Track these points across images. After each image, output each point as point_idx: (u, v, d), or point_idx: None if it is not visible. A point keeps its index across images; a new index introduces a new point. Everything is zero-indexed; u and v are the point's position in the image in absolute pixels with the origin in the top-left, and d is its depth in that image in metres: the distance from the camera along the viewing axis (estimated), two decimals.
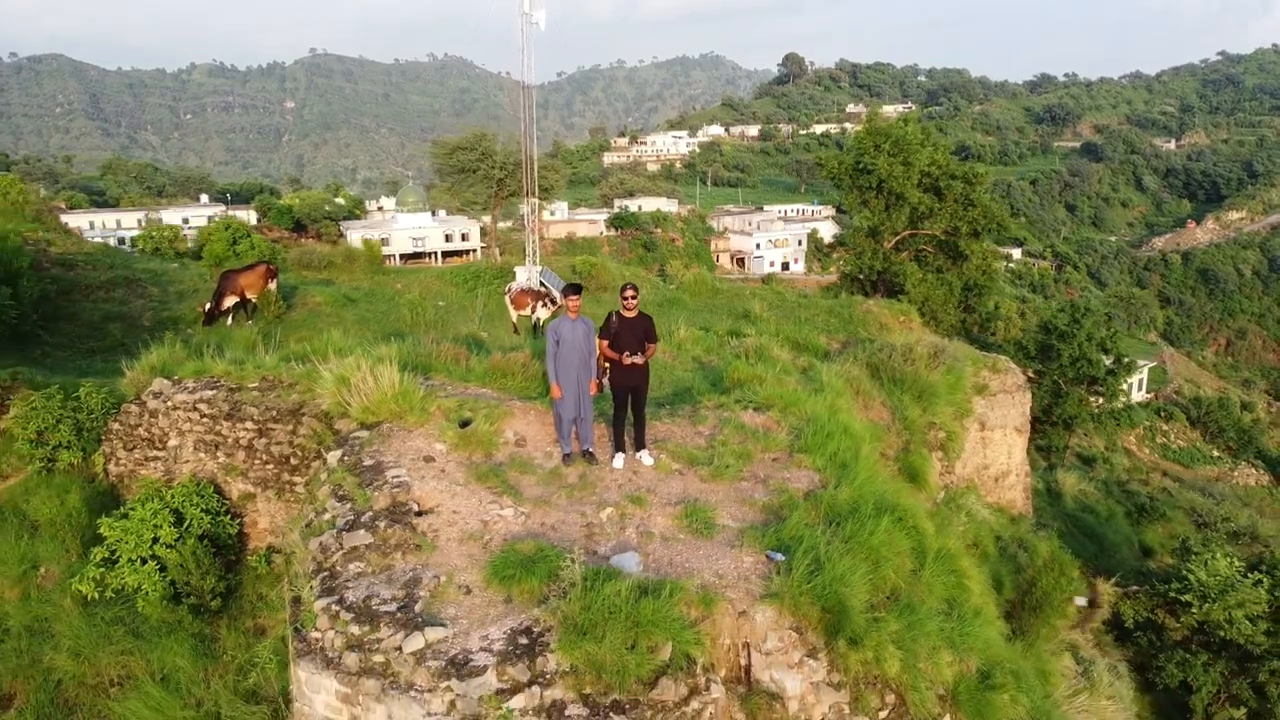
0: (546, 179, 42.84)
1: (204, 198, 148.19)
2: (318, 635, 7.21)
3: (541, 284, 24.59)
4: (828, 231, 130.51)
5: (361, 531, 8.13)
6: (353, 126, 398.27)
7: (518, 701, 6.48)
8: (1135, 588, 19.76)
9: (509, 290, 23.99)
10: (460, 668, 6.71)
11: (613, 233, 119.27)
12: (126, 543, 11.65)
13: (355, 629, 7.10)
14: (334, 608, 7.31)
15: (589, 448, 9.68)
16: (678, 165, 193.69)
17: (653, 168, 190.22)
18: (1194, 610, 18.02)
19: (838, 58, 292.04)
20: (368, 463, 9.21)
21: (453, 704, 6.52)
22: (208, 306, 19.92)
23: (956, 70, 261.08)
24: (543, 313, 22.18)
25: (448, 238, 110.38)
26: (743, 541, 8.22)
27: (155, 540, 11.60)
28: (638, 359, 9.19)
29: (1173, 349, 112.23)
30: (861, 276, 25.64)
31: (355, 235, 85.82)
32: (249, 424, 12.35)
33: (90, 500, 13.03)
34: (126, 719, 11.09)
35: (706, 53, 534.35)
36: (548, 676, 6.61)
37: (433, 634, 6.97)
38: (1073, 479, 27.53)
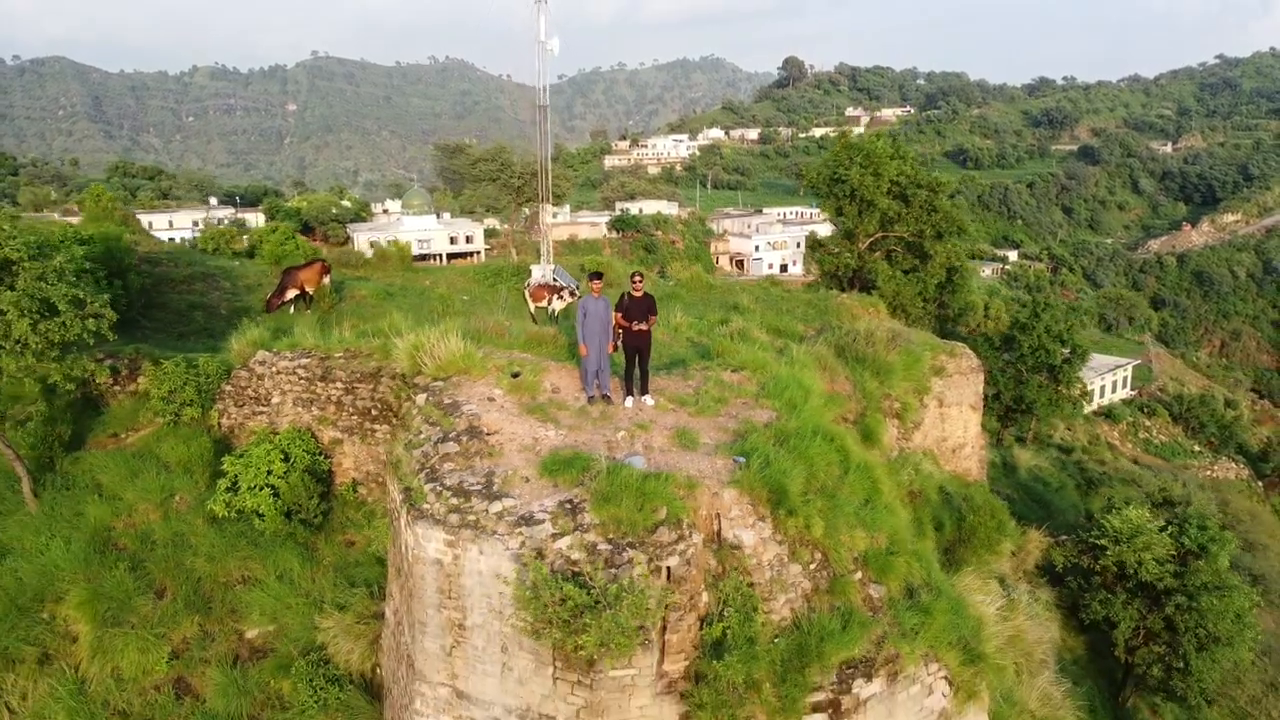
0: (559, 186, 46.42)
1: (213, 200, 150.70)
2: (428, 506, 10.77)
3: (555, 279, 28.10)
4: (826, 234, 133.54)
5: (450, 444, 11.70)
6: (354, 129, 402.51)
7: (564, 541, 10.04)
8: (1064, 537, 23.29)
9: (528, 285, 27.54)
10: (527, 521, 10.28)
11: (614, 235, 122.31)
12: (246, 475, 15.23)
13: (454, 500, 10.66)
14: (438, 489, 10.87)
15: (607, 392, 13.24)
16: (678, 168, 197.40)
17: (653, 170, 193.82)
18: (1109, 553, 21.53)
19: (837, 61, 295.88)
20: (447, 401, 12.78)
21: (523, 542, 10.08)
22: (269, 299, 23.53)
23: (955, 74, 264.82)
24: (558, 304, 25.70)
25: (452, 240, 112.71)
26: (716, 452, 11.79)
27: (269, 473, 15.17)
28: (643, 326, 12.77)
29: (1160, 348, 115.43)
30: (839, 274, 29.24)
31: (362, 237, 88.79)
32: (338, 384, 15.95)
33: (208, 446, 16.62)
34: (252, 607, 14.72)
35: (707, 55, 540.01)
36: (585, 526, 10.18)
37: (507, 502, 10.54)
38: (1028, 454, 31.02)
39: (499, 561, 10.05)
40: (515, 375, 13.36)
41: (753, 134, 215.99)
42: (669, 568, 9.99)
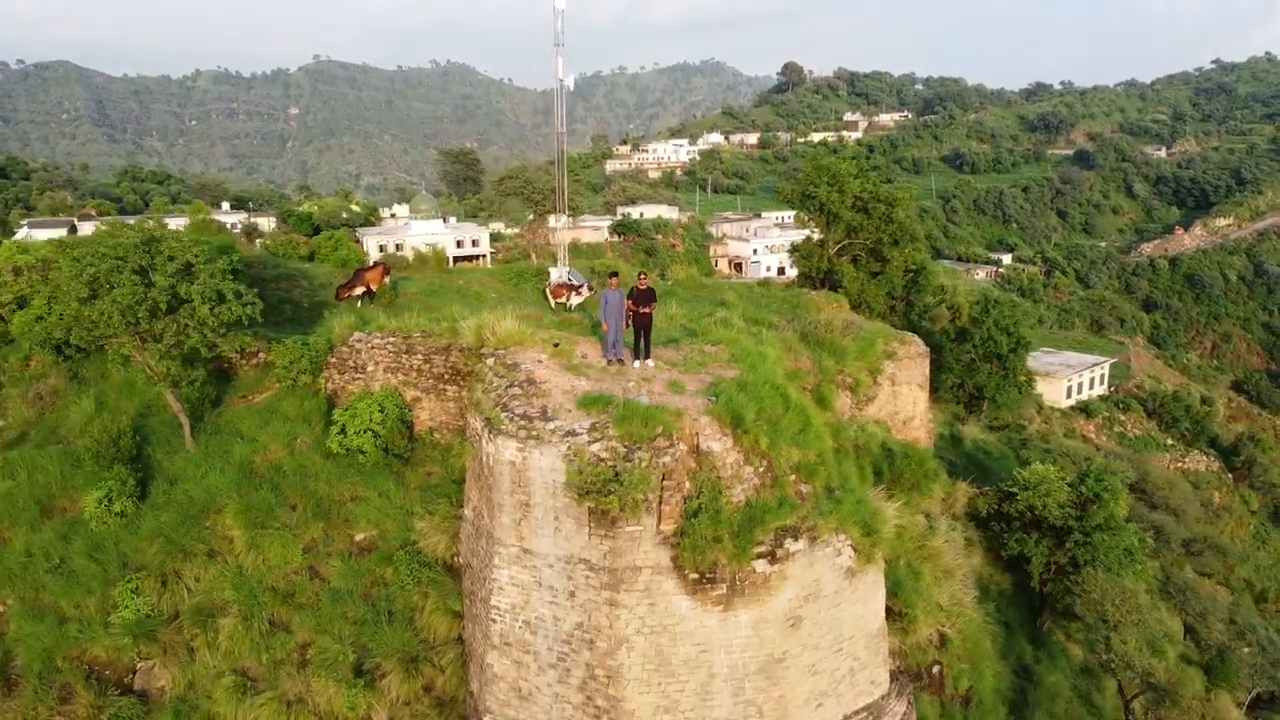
0: (573, 201, 52.07)
1: (225, 205, 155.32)
2: (504, 427, 16.42)
3: (570, 279, 33.65)
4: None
5: (515, 389, 17.38)
6: (356, 132, 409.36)
7: (596, 445, 15.68)
8: (988, 488, 28.91)
9: (548, 284, 33.16)
10: (571, 434, 15.94)
11: (616, 239, 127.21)
12: (353, 422, 20.88)
13: (521, 423, 16.33)
14: (510, 416, 16.53)
15: (621, 357, 18.88)
16: (678, 172, 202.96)
17: (654, 175, 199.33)
18: (1020, 499, 27.14)
19: (836, 66, 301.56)
20: (509, 362, 18.45)
21: (569, 447, 15.73)
22: (339, 289, 29.35)
23: (953, 79, 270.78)
24: (575, 299, 31.28)
25: (459, 243, 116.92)
26: (697, 394, 17.44)
27: (370, 420, 20.80)
28: (647, 310, 18.43)
29: (1141, 348, 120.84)
30: (812, 275, 34.83)
31: (371, 241, 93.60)
32: (418, 356, 21.64)
33: (319, 403, 22.28)
34: (361, 517, 20.41)
35: (707, 59, 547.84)
36: (609, 436, 15.82)
37: (557, 423, 16.21)
38: (974, 429, 36.59)
39: (553, 460, 15.72)
40: (556, 345, 19.05)
41: (752, 139, 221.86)
42: (664, 463, 15.65)
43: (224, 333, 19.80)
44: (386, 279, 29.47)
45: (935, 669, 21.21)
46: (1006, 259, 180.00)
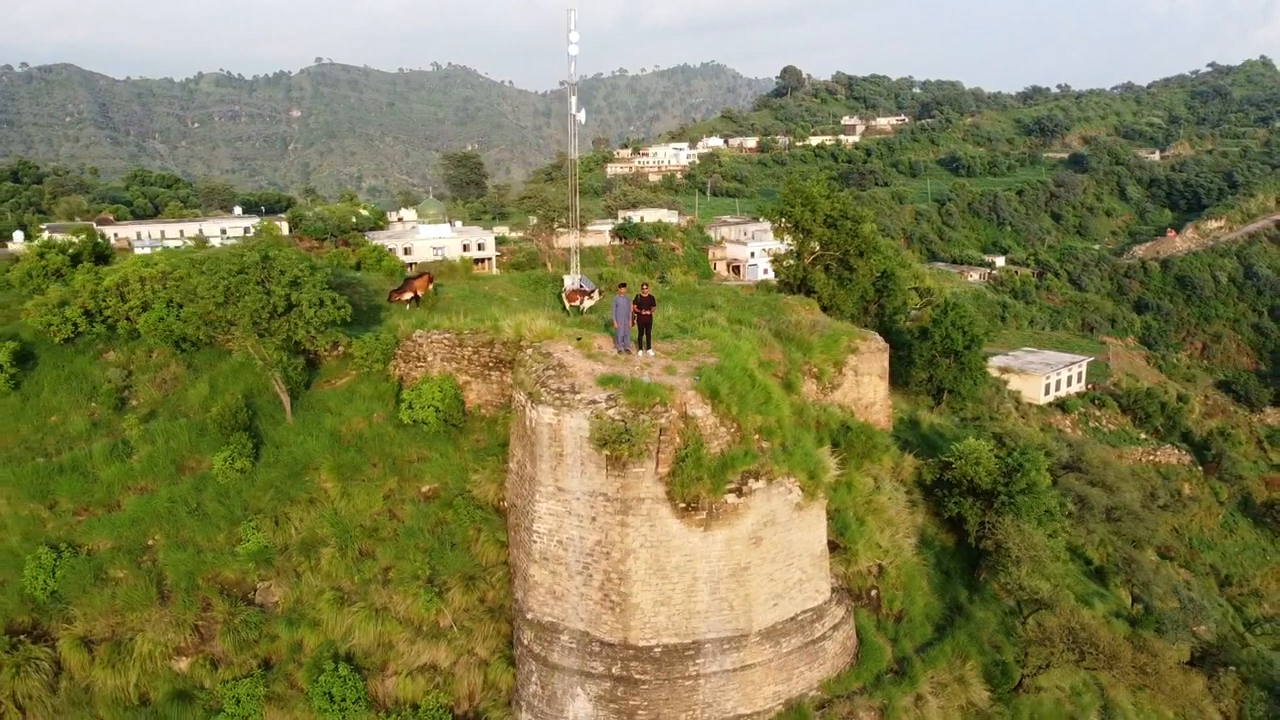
0: (584, 216, 58.32)
1: (238, 209, 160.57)
2: (543, 398, 22.68)
3: (582, 286, 39.75)
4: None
5: (549, 371, 23.65)
6: (358, 135, 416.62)
7: (611, 410, 21.95)
8: (931, 459, 35.08)
9: (564, 290, 39.29)
10: (593, 402, 22.23)
11: (617, 242, 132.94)
12: (419, 400, 27.12)
13: (556, 395, 22.60)
14: (547, 390, 22.80)
15: (629, 349, 25.14)
16: (678, 176, 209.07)
17: (654, 178, 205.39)
18: (955, 467, 33.27)
19: (837, 68, 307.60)
20: (544, 352, 24.72)
21: (593, 411, 21.98)
22: (391, 293, 35.65)
23: (950, 82, 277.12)
24: (587, 303, 37.38)
25: (465, 247, 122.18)
26: (686, 375, 23.70)
27: (432, 398, 27.02)
28: (648, 312, 24.69)
29: (1121, 347, 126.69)
30: (790, 281, 41.00)
31: (379, 244, 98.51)
32: (468, 348, 27.91)
33: (390, 386, 28.51)
34: (426, 472, 26.68)
35: (708, 62, 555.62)
36: (620, 404, 22.09)
37: (583, 395, 22.50)
38: (931, 415, 42.77)
39: (580, 421, 21.94)
40: (579, 339, 25.33)
41: (751, 142, 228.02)
42: (660, 423, 21.87)
43: (322, 330, 26.06)
44: (430, 286, 35.70)
45: (874, 592, 27.41)
46: (1000, 261, 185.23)
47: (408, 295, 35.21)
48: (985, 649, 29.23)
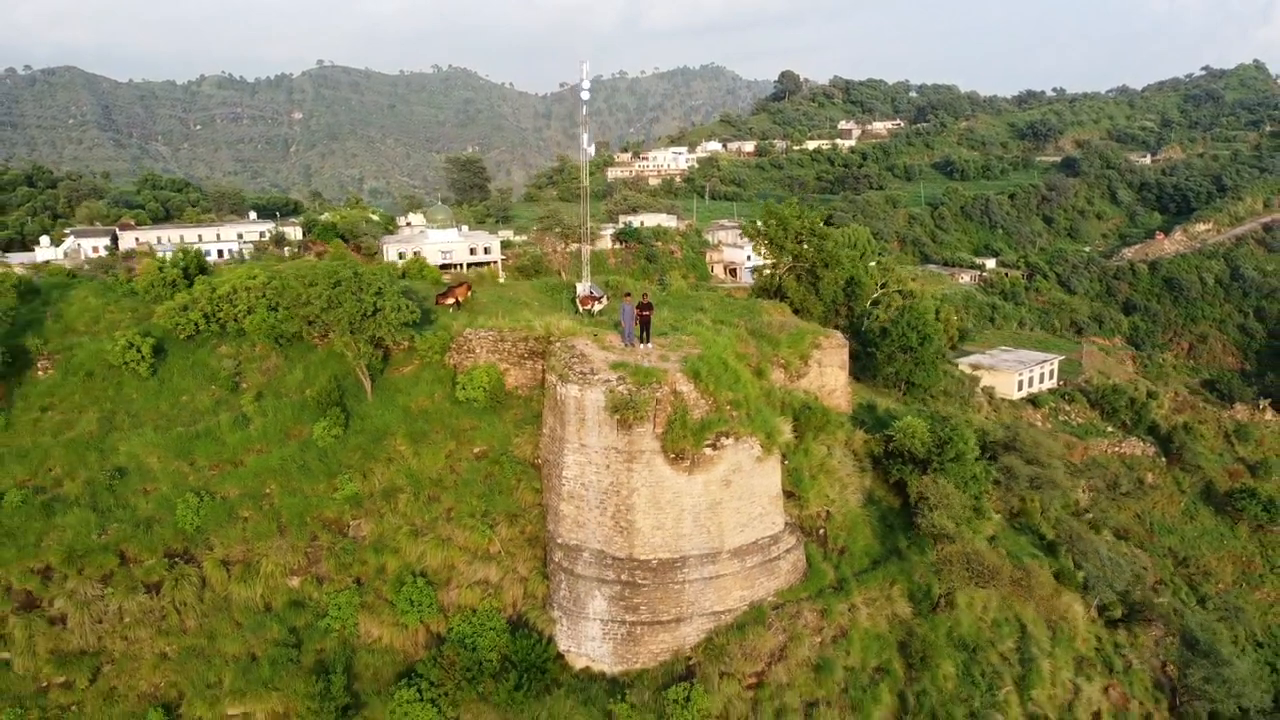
0: (593, 230, 66.93)
1: (252, 214, 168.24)
2: (571, 378, 31.43)
3: (593, 292, 48.33)
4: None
5: (575, 358, 32.45)
6: (359, 137, 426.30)
7: (621, 386, 30.70)
8: (878, 434, 43.72)
9: (577, 296, 47.91)
10: (607, 381, 31.00)
11: (618, 246, 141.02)
12: (471, 382, 35.89)
13: (580, 375, 31.38)
14: (573, 371, 31.59)
15: (632, 343, 33.89)
16: (678, 180, 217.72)
17: (654, 182, 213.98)
18: (895, 439, 41.88)
19: (836, 70, 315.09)
20: (569, 344, 33.48)
21: (608, 387, 30.73)
22: (437, 297, 44.34)
23: (947, 86, 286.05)
24: (597, 307, 45.96)
25: (472, 250, 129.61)
26: (676, 362, 32.43)
27: (481, 381, 35.70)
28: (647, 314, 33.40)
29: (1096, 347, 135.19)
30: (767, 288, 49.62)
31: (391, 249, 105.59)
32: (507, 342, 36.70)
33: (447, 372, 37.20)
34: (478, 437, 35.48)
35: (708, 63, 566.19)
36: (628, 383, 30.83)
37: (599, 375, 31.31)
38: (887, 400, 51.42)
39: (598, 394, 30.64)
40: (595, 335, 34.04)
41: (749, 146, 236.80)
42: (657, 397, 30.57)
43: (399, 329, 34.78)
44: (470, 292, 44.42)
45: (821, 531, 36.06)
46: (991, 264, 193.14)
47: (450, 300, 43.90)
48: (914, 581, 37.83)
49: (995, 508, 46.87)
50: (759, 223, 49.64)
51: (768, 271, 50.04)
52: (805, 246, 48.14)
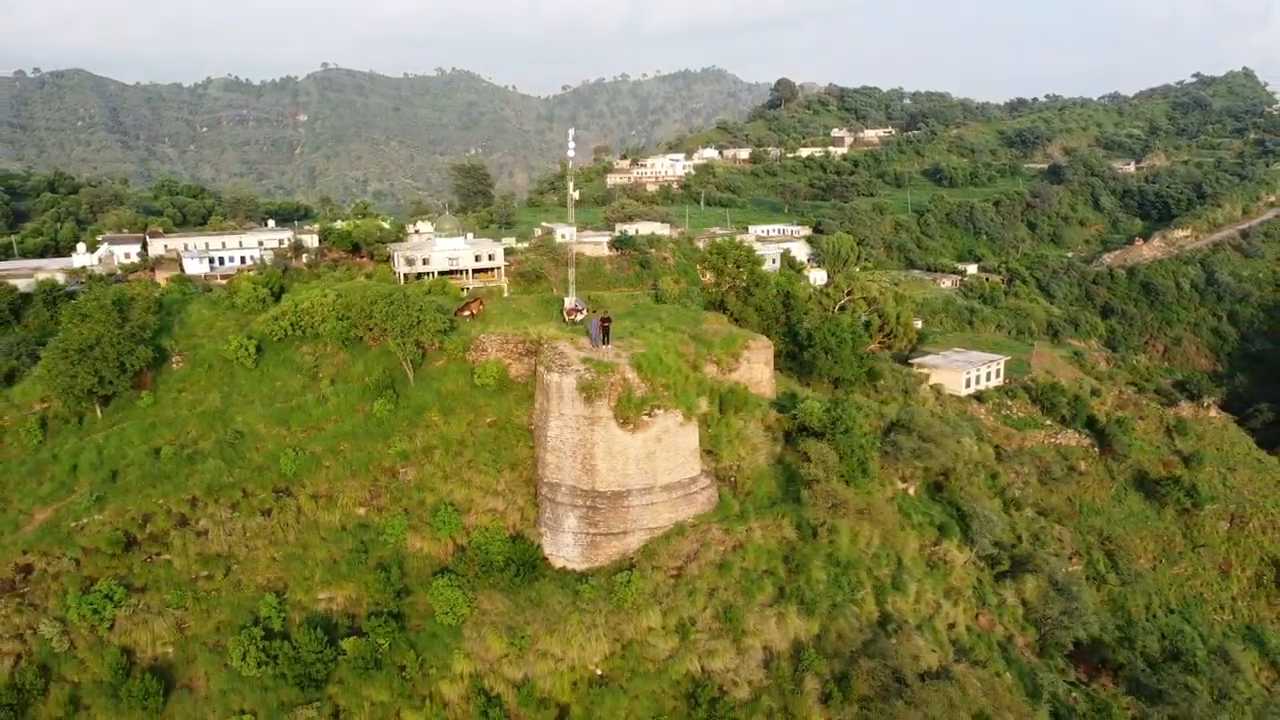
0: (583, 226, 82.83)
1: (270, 222, 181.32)
2: (554, 368, 47.89)
3: (577, 305, 64.51)
4: (801, 251, 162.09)
5: (557, 355, 49.02)
6: (363, 139, 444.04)
7: (588, 373, 47.12)
8: (789, 413, 59.85)
9: (564, 308, 64.14)
10: (578, 371, 47.40)
11: (614, 253, 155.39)
12: (484, 373, 52.31)
13: (559, 365, 47.82)
14: (554, 363, 48.03)
15: (598, 345, 50.26)
16: (674, 186, 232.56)
17: (652, 188, 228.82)
18: (798, 417, 57.93)
19: (835, 73, 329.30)
20: (553, 346, 49.89)
21: (578, 374, 47.13)
22: (457, 309, 60.69)
23: (939, 94, 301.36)
24: (579, 317, 62.07)
25: (477, 258, 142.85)
26: (627, 357, 48.78)
27: (492, 371, 52.08)
28: (608, 326, 49.74)
29: (1046, 348, 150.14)
30: (711, 302, 65.70)
31: (399, 257, 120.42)
32: (511, 344, 53.27)
33: (469, 367, 53.61)
34: (490, 410, 52.10)
35: (708, 67, 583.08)
36: (592, 372, 47.20)
37: (573, 367, 47.74)
38: (812, 391, 67.64)
39: (572, 380, 47.08)
40: (571, 340, 50.43)
41: (744, 153, 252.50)
42: (612, 381, 46.91)
43: (436, 335, 51.17)
44: (482, 306, 60.85)
45: (733, 479, 52.24)
46: (972, 269, 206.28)
47: (467, 313, 60.30)
48: (802, 517, 53.84)
49: (904, 476, 62.69)
50: (705, 251, 66.02)
51: (713, 289, 66.44)
52: (740, 269, 64.46)
